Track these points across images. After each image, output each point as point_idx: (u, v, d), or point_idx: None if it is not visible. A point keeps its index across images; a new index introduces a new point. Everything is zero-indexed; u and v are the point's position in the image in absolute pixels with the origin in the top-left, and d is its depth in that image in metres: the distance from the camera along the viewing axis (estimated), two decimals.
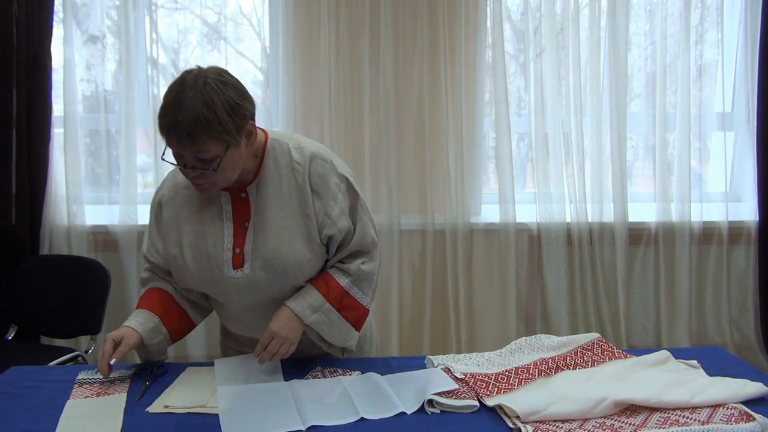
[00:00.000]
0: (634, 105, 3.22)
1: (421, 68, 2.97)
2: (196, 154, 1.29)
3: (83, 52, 3.00)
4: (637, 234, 3.12)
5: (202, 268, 1.44)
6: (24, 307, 2.67)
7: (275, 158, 1.45)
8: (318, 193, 1.44)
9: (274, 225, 1.43)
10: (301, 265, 1.44)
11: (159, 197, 1.52)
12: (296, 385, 1.41)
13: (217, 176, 1.33)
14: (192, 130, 1.25)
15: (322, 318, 1.46)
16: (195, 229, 1.46)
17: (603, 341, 1.59)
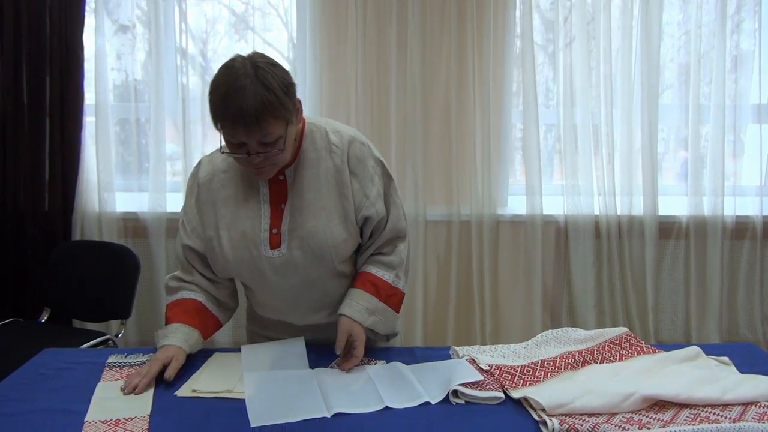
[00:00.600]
0: (666, 96, 3.15)
1: (449, 58, 2.95)
2: (262, 139, 1.30)
3: (114, 42, 3.04)
4: (667, 228, 3.07)
5: (239, 248, 1.46)
6: (56, 291, 2.74)
7: (313, 141, 1.47)
8: (356, 175, 1.47)
9: (311, 205, 1.45)
10: (337, 245, 1.46)
11: (196, 181, 1.54)
12: (321, 373, 1.42)
13: (280, 157, 1.35)
14: (259, 116, 1.26)
15: (379, 318, 1.50)
16: (232, 210, 1.48)
17: (631, 335, 1.57)
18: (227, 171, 1.49)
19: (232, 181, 1.49)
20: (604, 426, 1.18)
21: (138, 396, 1.32)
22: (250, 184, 1.48)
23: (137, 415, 1.24)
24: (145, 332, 3.09)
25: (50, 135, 2.94)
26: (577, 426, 1.17)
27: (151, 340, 3.24)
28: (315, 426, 1.21)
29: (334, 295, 1.54)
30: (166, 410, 1.27)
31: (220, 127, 1.32)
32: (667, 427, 1.18)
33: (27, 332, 2.63)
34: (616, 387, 1.29)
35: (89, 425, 1.20)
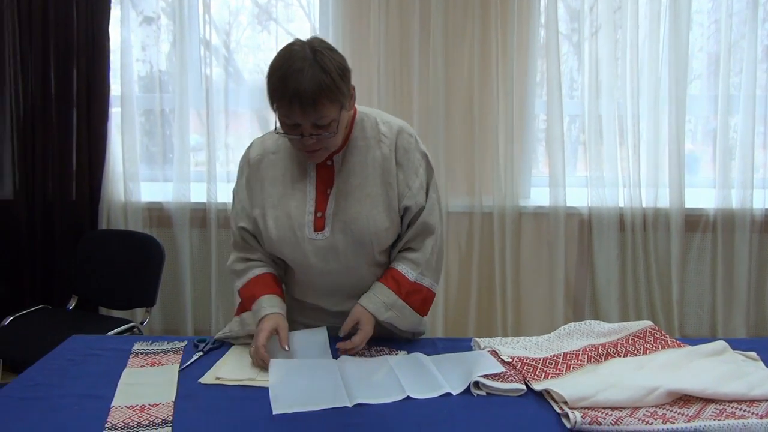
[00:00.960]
0: (694, 87, 3.09)
1: (472, 49, 2.93)
2: (316, 121, 1.33)
3: (139, 33, 3.07)
4: (693, 220, 3.02)
5: (283, 229, 1.48)
6: (83, 279, 2.79)
7: (363, 129, 1.51)
8: (401, 166, 1.49)
9: (357, 192, 1.48)
10: (379, 233, 1.48)
11: (247, 160, 1.57)
12: (344, 363, 1.43)
13: (331, 140, 1.38)
14: (316, 98, 1.29)
15: (396, 314, 1.50)
16: (279, 191, 1.51)
17: (656, 329, 1.55)
18: (277, 152, 1.53)
19: (282, 162, 1.52)
20: (627, 420, 1.17)
21: (162, 382, 1.34)
22: (299, 167, 1.51)
23: (162, 402, 1.26)
24: (169, 320, 3.14)
25: (77, 126, 2.99)
26: (599, 419, 1.16)
27: (176, 328, 3.29)
28: (336, 415, 1.22)
29: (368, 285, 1.54)
30: (190, 397, 1.29)
31: (276, 108, 1.35)
32: (692, 422, 1.17)
33: (55, 319, 2.69)
34: (640, 381, 1.28)
35: (115, 410, 1.22)
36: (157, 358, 1.47)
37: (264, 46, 3.09)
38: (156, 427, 1.16)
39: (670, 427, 1.15)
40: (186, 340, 1.57)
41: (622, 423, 1.16)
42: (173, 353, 1.50)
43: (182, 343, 1.55)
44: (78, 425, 1.16)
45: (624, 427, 1.15)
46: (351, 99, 1.42)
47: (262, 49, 3.10)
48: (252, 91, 3.12)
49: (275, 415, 1.21)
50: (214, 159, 3.03)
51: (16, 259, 3.07)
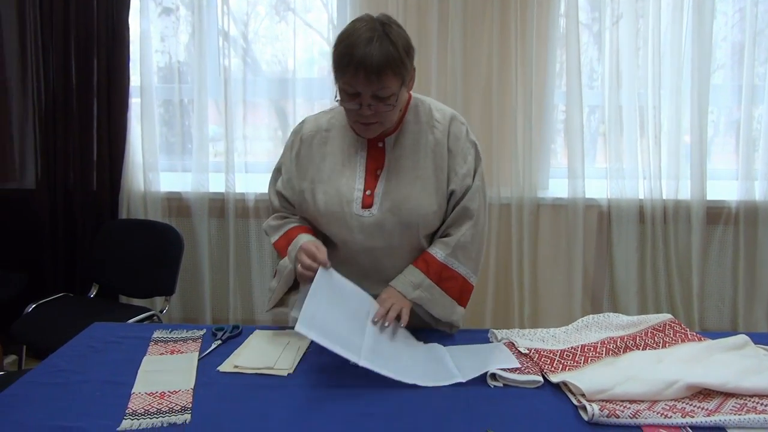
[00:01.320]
0: (717, 76, 3.03)
1: (491, 39, 2.90)
2: (377, 92, 1.35)
3: (158, 24, 3.09)
4: (715, 213, 2.97)
5: (332, 203, 1.50)
6: (104, 268, 2.83)
7: (417, 114, 1.53)
8: (452, 152, 1.52)
9: (408, 174, 1.50)
10: (426, 215, 1.49)
11: (299, 135, 1.59)
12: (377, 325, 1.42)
13: (388, 115, 1.40)
14: (381, 67, 1.32)
15: (425, 294, 1.50)
16: (329, 167, 1.53)
17: (675, 322, 1.54)
18: (329, 130, 1.56)
19: (334, 141, 1.55)
20: (645, 413, 1.16)
21: (182, 370, 1.35)
22: (350, 147, 1.54)
23: (181, 389, 1.27)
24: (188, 309, 3.18)
25: (98, 117, 3.02)
26: (617, 412, 1.16)
27: (194, 317, 3.33)
28: (353, 404, 1.22)
29: None
30: (208, 385, 1.30)
31: (339, 76, 1.37)
32: (712, 416, 1.16)
33: (77, 306, 2.73)
34: (659, 374, 1.27)
35: (136, 396, 1.24)
36: (176, 346, 1.49)
37: (282, 36, 3.09)
38: (175, 414, 1.17)
39: (689, 421, 1.15)
40: (204, 328, 1.59)
41: (640, 416, 1.16)
42: (192, 341, 1.51)
43: (201, 332, 1.57)
44: (100, 411, 1.18)
45: (642, 420, 1.15)
46: (411, 79, 1.45)
47: (280, 39, 3.10)
48: (270, 81, 3.13)
49: (293, 395, 1.23)
50: (232, 149, 3.04)
51: (38, 248, 3.12)
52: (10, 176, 3.18)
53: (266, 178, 3.09)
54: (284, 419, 1.17)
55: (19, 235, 3.15)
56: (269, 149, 3.24)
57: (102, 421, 1.14)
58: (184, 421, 1.16)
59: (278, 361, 1.39)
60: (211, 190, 3.08)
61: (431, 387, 1.29)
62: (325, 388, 1.29)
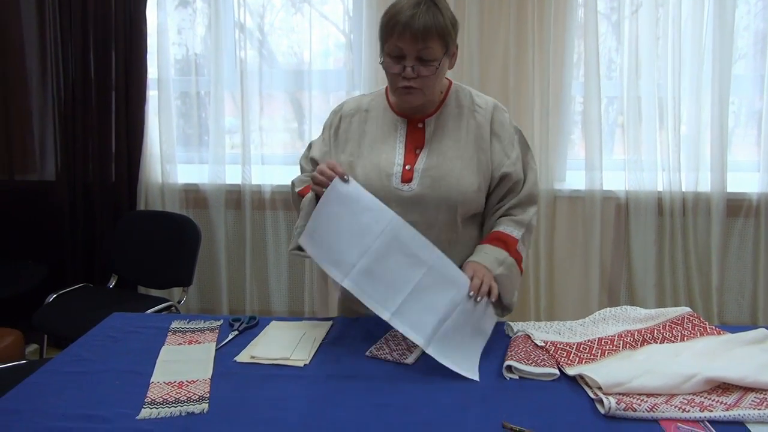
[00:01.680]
0: (739, 66, 2.98)
1: (507, 29, 2.87)
2: (421, 53, 1.39)
3: (174, 17, 3.10)
4: (736, 205, 2.93)
5: (371, 176, 1.51)
6: (123, 259, 2.87)
7: (458, 99, 1.56)
8: (498, 137, 1.54)
9: (449, 152, 1.52)
10: (467, 194, 1.50)
11: (340, 113, 1.63)
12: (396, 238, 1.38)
13: (429, 81, 1.43)
14: (428, 29, 1.36)
15: (506, 272, 1.49)
16: (369, 143, 1.56)
17: (694, 316, 1.52)
18: (369, 111, 1.59)
19: (374, 120, 1.58)
20: (663, 407, 1.16)
21: (199, 360, 1.37)
22: (390, 126, 1.56)
23: (199, 378, 1.29)
24: (205, 300, 3.21)
25: (116, 109, 3.05)
26: (634, 405, 1.15)
27: (212, 307, 3.36)
28: (370, 395, 1.23)
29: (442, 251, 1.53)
30: (225, 375, 1.31)
31: (386, 39, 1.41)
32: (730, 410, 1.15)
33: (96, 297, 2.77)
34: (677, 368, 1.26)
35: (154, 386, 1.25)
36: (194, 336, 1.50)
37: (297, 28, 3.09)
38: (193, 403, 1.19)
39: (707, 415, 1.14)
40: (222, 319, 1.60)
41: (657, 410, 1.15)
42: (210, 332, 1.53)
43: (218, 322, 1.58)
44: (119, 399, 1.20)
45: (660, 414, 1.14)
46: (453, 56, 1.48)
47: (296, 31, 3.10)
48: (286, 73, 3.13)
49: (308, 385, 1.25)
50: (249, 141, 3.06)
51: (59, 239, 3.16)
52: (31, 168, 3.23)
53: (282, 170, 3.15)
54: (300, 409, 1.18)
55: (39, 226, 3.20)
56: (285, 141, 3.25)
57: (121, 410, 1.16)
58: (202, 410, 1.17)
59: (294, 351, 1.40)
60: (228, 182, 3.10)
61: (447, 382, 1.27)
62: (341, 378, 1.30)
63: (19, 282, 2.95)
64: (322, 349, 1.43)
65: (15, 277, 2.99)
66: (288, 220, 3.12)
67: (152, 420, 1.14)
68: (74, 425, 1.11)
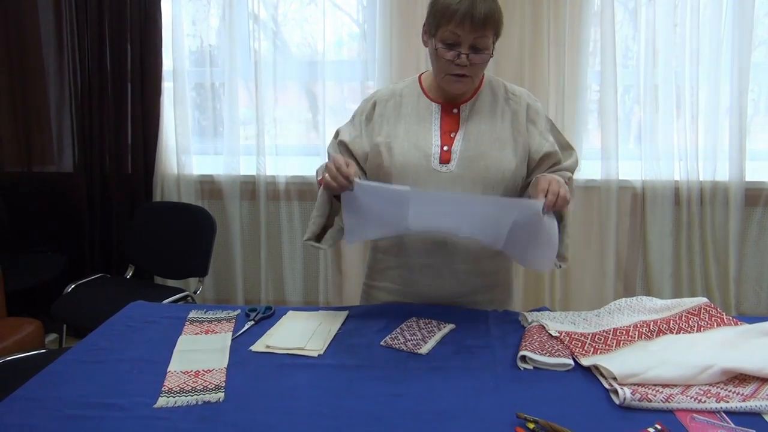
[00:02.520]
0: (759, 53, 2.93)
1: (523, 17, 2.85)
2: (477, 41, 1.42)
3: (189, 9, 3.11)
4: (754, 195, 2.89)
5: (409, 155, 1.52)
6: (139, 249, 2.90)
7: (492, 88, 1.60)
8: (534, 123, 1.57)
9: (485, 135, 1.54)
10: (505, 173, 1.51)
11: (374, 98, 1.63)
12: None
13: (479, 68, 1.47)
14: (486, 19, 1.40)
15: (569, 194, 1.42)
16: (405, 126, 1.56)
17: (711, 306, 1.50)
18: (404, 97, 1.60)
19: (409, 105, 1.59)
20: (678, 397, 1.15)
21: (215, 349, 1.38)
22: (425, 110, 1.57)
23: (215, 368, 1.30)
24: (221, 290, 3.23)
25: (132, 101, 3.07)
26: (650, 396, 1.15)
27: (227, 297, 3.38)
28: (383, 385, 1.23)
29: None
30: (241, 364, 1.33)
31: (444, 25, 1.42)
32: (747, 401, 1.14)
33: (114, 287, 2.81)
34: (693, 358, 1.25)
35: (172, 375, 1.27)
36: (211, 326, 1.52)
37: (311, 18, 3.08)
38: (209, 392, 1.20)
39: (724, 406, 1.13)
40: (239, 309, 1.62)
41: (673, 400, 1.14)
42: (226, 321, 1.54)
43: (235, 312, 1.59)
44: (137, 388, 1.22)
45: (675, 405, 1.13)
46: (494, 46, 1.50)
47: (309, 21, 3.10)
48: (300, 64, 3.13)
49: (323, 375, 1.25)
50: (263, 132, 3.07)
51: (77, 230, 3.20)
52: (49, 160, 3.27)
53: (297, 160, 3.15)
54: (315, 398, 1.19)
55: (57, 217, 3.24)
56: (299, 132, 3.25)
57: (139, 399, 1.18)
58: (218, 399, 1.18)
59: (309, 341, 1.41)
60: (243, 173, 3.11)
61: (461, 372, 1.27)
62: (355, 369, 1.30)
63: (38, 273, 2.99)
64: (337, 338, 1.44)
65: (34, 268, 3.04)
66: (303, 210, 3.13)
67: (169, 408, 1.15)
68: (92, 413, 1.13)
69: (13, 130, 3.21)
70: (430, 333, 1.46)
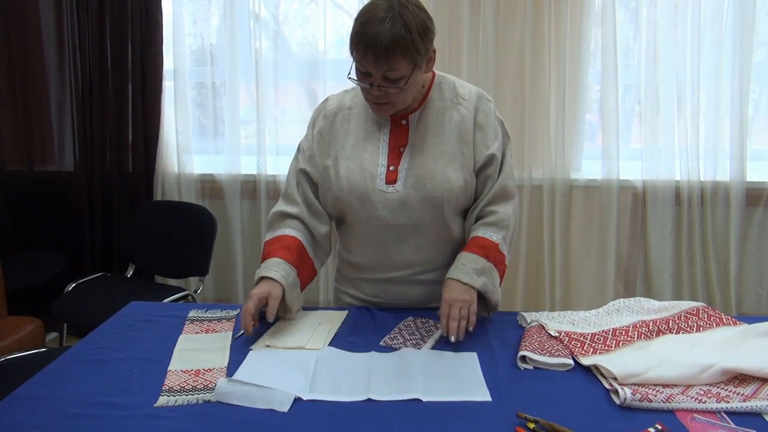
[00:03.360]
0: (760, 53, 2.93)
1: (524, 17, 2.84)
2: (386, 73, 1.35)
3: (189, 8, 3.11)
4: (755, 194, 2.89)
5: (355, 179, 1.50)
6: (140, 248, 2.90)
7: (441, 91, 1.53)
8: (482, 128, 1.51)
9: (432, 149, 1.49)
10: (452, 189, 1.47)
11: (322, 113, 1.60)
12: (326, 355, 1.34)
13: (398, 97, 1.40)
14: (389, 49, 1.31)
15: (489, 280, 1.45)
16: (352, 144, 1.53)
17: (709, 308, 1.50)
18: (352, 108, 1.56)
19: (357, 118, 1.55)
20: (679, 397, 1.15)
21: (216, 348, 1.38)
22: (373, 125, 1.53)
23: (215, 367, 1.30)
24: (221, 289, 3.23)
25: (132, 100, 3.07)
26: (650, 396, 1.15)
27: (228, 297, 3.38)
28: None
29: (431, 250, 1.54)
30: (241, 363, 1.33)
31: (354, 53, 1.37)
32: (748, 401, 1.14)
33: (114, 286, 2.81)
34: (694, 358, 1.25)
35: (172, 374, 1.27)
36: (211, 325, 1.52)
37: (312, 18, 3.08)
38: (210, 391, 1.20)
39: (724, 406, 1.13)
40: (238, 308, 1.62)
41: (673, 400, 1.14)
42: (226, 321, 1.54)
43: (235, 312, 1.60)
44: (137, 387, 1.22)
45: (676, 405, 1.13)
46: (429, 61, 1.43)
47: (310, 21, 3.09)
48: (300, 63, 3.13)
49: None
50: (264, 131, 3.07)
51: (77, 229, 3.20)
52: (50, 159, 3.27)
53: None
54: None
55: (58, 216, 3.24)
56: (300, 131, 3.17)
57: (139, 397, 1.18)
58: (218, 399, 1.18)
59: (309, 340, 1.41)
60: (243, 172, 3.11)
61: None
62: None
63: (39, 271, 3.00)
64: (337, 338, 1.44)
65: (35, 267, 3.04)
66: None
67: (169, 407, 1.15)
68: (93, 412, 1.13)
69: (14, 129, 3.22)
70: (428, 333, 1.46)
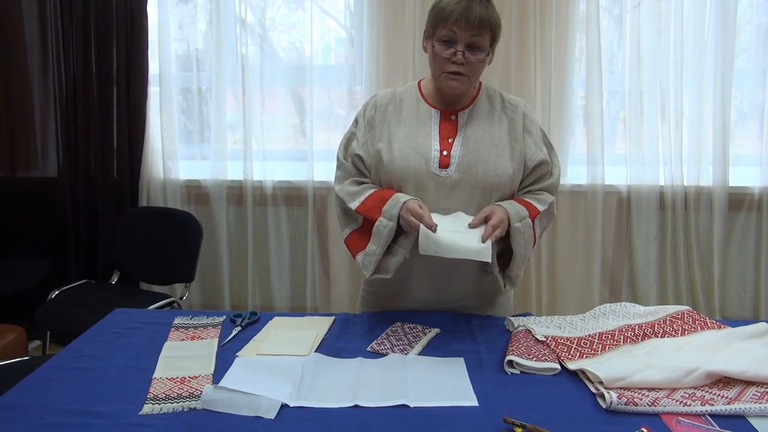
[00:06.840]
0: (741, 60, 2.97)
1: (509, 23, 2.86)
2: (472, 39, 1.47)
3: (175, 13, 3.09)
4: (738, 199, 2.93)
5: (409, 159, 1.53)
6: (125, 255, 2.87)
7: (489, 96, 1.64)
8: (530, 133, 1.61)
9: (483, 140, 1.56)
10: (502, 178, 1.53)
11: (373, 102, 1.65)
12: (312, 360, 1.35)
13: (476, 68, 1.51)
14: (482, 20, 1.46)
15: (523, 230, 1.51)
16: (405, 130, 1.58)
17: (694, 312, 1.52)
18: (404, 101, 1.62)
19: (408, 110, 1.61)
20: (664, 401, 1.16)
21: (202, 355, 1.37)
22: (423, 115, 1.59)
23: (201, 374, 1.29)
24: (207, 295, 3.21)
25: (117, 105, 3.04)
26: (636, 400, 1.15)
27: (214, 303, 3.36)
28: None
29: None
30: (227, 370, 1.32)
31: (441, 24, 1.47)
32: (732, 404, 1.15)
33: (99, 293, 2.78)
34: (678, 362, 1.26)
35: (157, 381, 1.26)
36: (197, 332, 1.51)
37: (299, 23, 3.08)
38: (195, 399, 1.19)
39: (709, 409, 1.14)
40: (224, 315, 1.61)
41: (659, 404, 1.15)
42: (212, 327, 1.53)
43: (221, 318, 1.59)
44: (122, 395, 1.21)
45: (661, 408, 1.14)
46: (492, 53, 1.54)
47: (297, 26, 3.09)
48: (287, 69, 3.13)
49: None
50: (250, 137, 3.05)
51: (61, 235, 3.17)
52: (33, 165, 3.23)
53: (284, 165, 3.15)
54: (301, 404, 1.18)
55: (42, 223, 3.21)
56: (287, 136, 3.24)
57: (124, 405, 1.17)
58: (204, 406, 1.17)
59: (296, 347, 1.41)
60: (230, 178, 3.10)
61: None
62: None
63: (21, 278, 2.96)
64: (325, 343, 1.44)
65: (18, 274, 3.00)
66: (290, 215, 3.12)
67: (154, 415, 1.14)
68: (77, 421, 1.12)
69: None
70: (415, 338, 1.46)
